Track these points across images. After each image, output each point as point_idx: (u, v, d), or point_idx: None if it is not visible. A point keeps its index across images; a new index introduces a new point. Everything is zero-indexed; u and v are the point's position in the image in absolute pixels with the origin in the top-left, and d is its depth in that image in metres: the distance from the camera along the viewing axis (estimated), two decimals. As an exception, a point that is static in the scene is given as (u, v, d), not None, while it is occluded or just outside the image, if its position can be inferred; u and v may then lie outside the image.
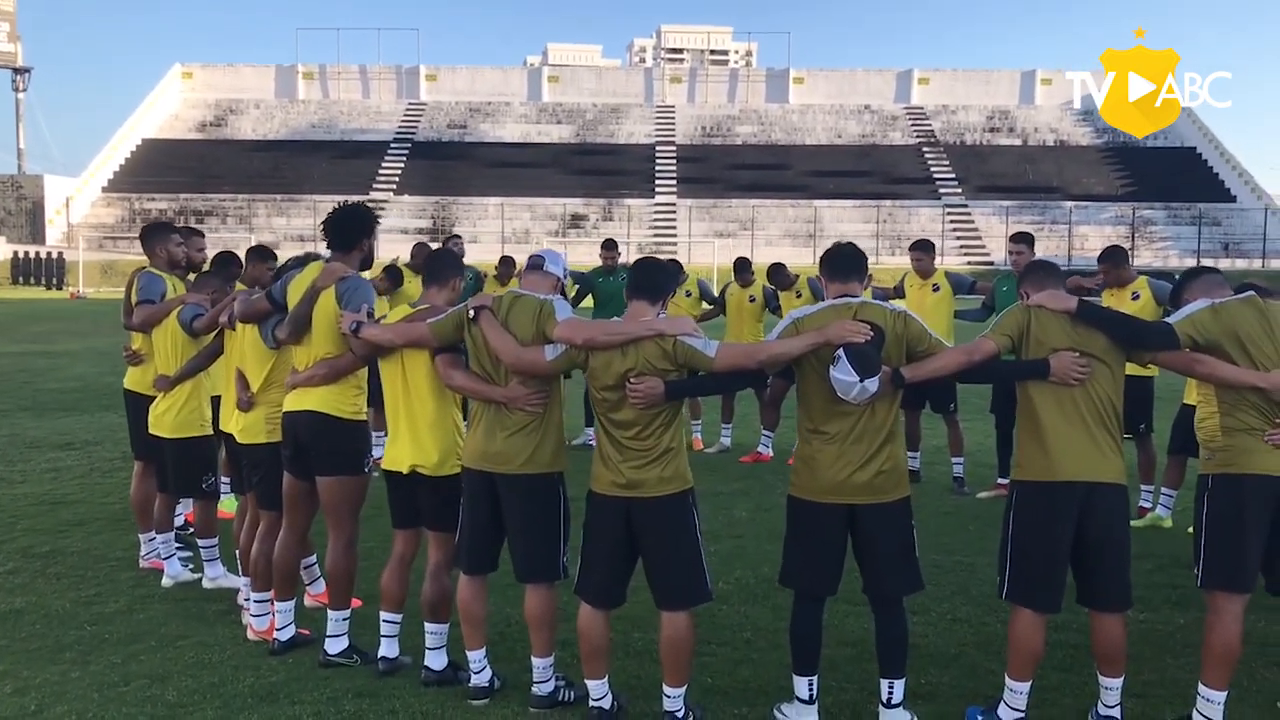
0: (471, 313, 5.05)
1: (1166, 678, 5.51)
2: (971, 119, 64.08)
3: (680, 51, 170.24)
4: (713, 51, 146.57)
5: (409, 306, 5.48)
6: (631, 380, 4.68)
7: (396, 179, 58.30)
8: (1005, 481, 9.53)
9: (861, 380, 4.49)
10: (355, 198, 55.07)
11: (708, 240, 49.99)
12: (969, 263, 50.13)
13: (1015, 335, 4.78)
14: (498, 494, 4.99)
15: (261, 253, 7.34)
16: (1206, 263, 50.69)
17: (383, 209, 55.37)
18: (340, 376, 5.57)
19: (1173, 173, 57.32)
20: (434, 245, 13.26)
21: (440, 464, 5.27)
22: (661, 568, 4.78)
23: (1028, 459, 4.76)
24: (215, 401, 6.91)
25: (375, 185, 57.64)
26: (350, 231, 5.75)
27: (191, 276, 7.49)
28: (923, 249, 10.06)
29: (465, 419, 5.35)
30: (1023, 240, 9.33)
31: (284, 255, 7.32)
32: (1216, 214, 55.18)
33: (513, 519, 5.00)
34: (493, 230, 53.69)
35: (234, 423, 6.16)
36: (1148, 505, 8.82)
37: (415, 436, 5.29)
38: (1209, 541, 4.77)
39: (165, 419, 6.83)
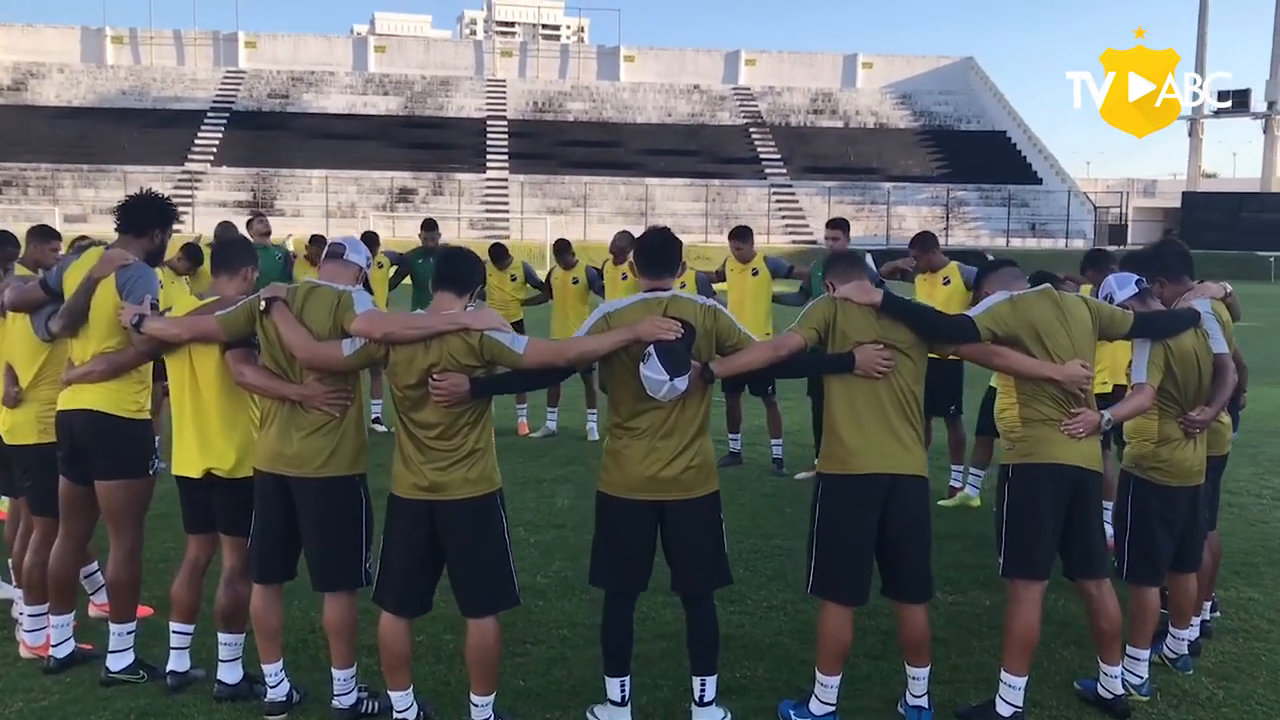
0: (263, 304, 4.74)
1: (973, 662, 5.63)
2: (796, 101, 65.30)
3: (511, 25, 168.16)
4: (544, 26, 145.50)
5: (197, 298, 5.12)
6: (434, 377, 4.46)
7: (214, 150, 55.76)
8: (823, 463, 9.68)
9: (671, 379, 4.40)
10: (170, 169, 52.97)
11: (540, 217, 49.64)
12: (793, 242, 51.20)
13: (821, 328, 4.77)
14: (292, 498, 4.71)
15: (45, 232, 6.77)
16: (1015, 242, 53.25)
17: (199, 180, 53.02)
18: (121, 373, 5.17)
19: (984, 156, 59.72)
20: (245, 219, 12.63)
21: (237, 465, 4.97)
22: (466, 574, 4.59)
23: (831, 452, 4.78)
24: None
25: (191, 156, 55.02)
26: (144, 219, 5.38)
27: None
28: (740, 237, 10.08)
29: None
30: (838, 226, 9.44)
31: (94, 229, 6.77)
32: (1024, 196, 57.82)
33: (309, 525, 4.72)
34: (316, 204, 51.97)
35: (2, 421, 5.66)
36: (958, 485, 9.07)
37: (205, 438, 4.96)
38: (1009, 531, 4.88)
39: (-71, 416, 6.23)
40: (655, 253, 4.81)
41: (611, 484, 4.72)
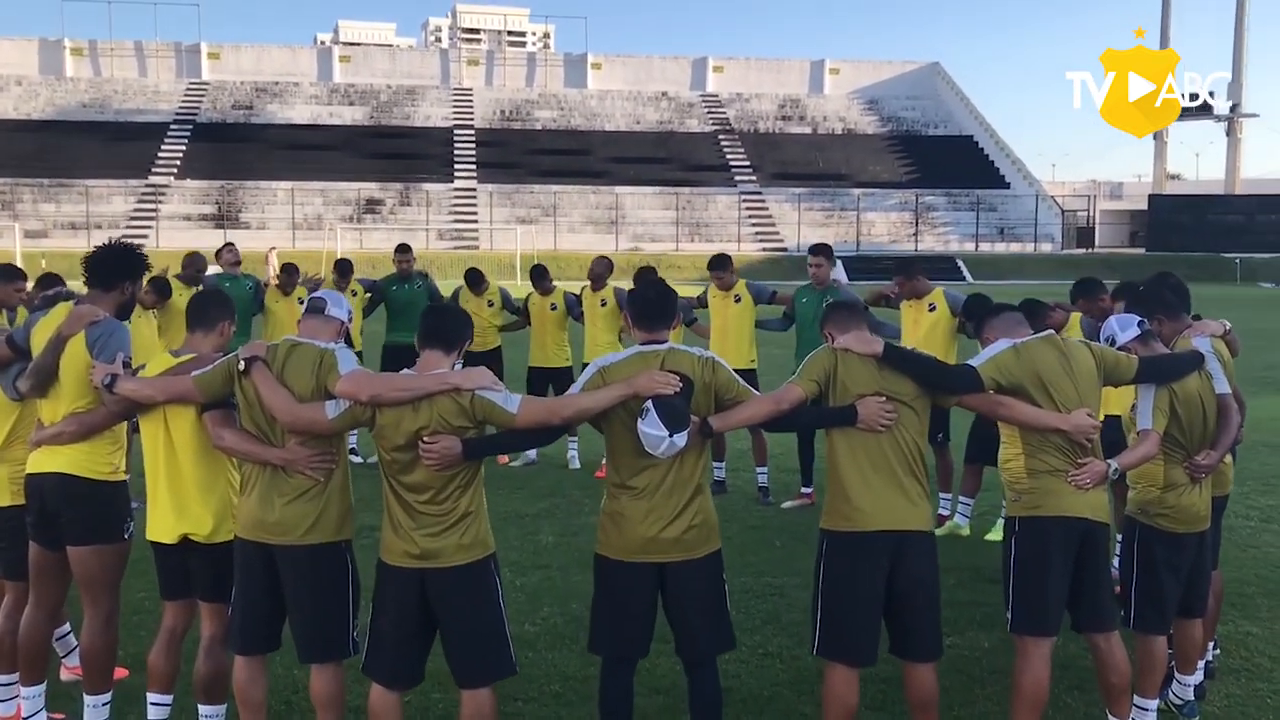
0: (242, 364, 4.54)
1: (976, 712, 5.50)
2: (764, 107, 65.45)
3: (477, 32, 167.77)
4: (510, 33, 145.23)
5: (171, 356, 4.91)
6: (425, 440, 4.28)
7: (178, 162, 55.20)
8: (809, 490, 9.57)
9: (671, 435, 4.26)
10: (133, 182, 52.21)
11: (510, 227, 49.42)
12: (764, 249, 51.27)
13: (822, 380, 4.63)
14: (276, 566, 4.51)
15: (9, 273, 6.55)
16: (984, 246, 53.55)
17: (163, 194, 52.45)
18: (93, 434, 4.94)
19: (952, 160, 60.05)
20: (224, 238, 12.39)
21: (215, 530, 4.75)
22: (461, 643, 4.41)
23: (836, 508, 4.64)
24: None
25: (155, 169, 54.43)
26: (112, 272, 5.14)
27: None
28: (720, 267, 9.89)
29: None
30: (821, 253, 9.33)
31: (55, 244, 6.52)
32: (993, 200, 58.17)
33: (294, 594, 4.52)
34: (283, 216, 51.56)
35: (-29, 483, 5.41)
36: (946, 513, 8.97)
37: (181, 502, 4.75)
38: (1018, 586, 4.75)
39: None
40: (651, 306, 4.66)
41: (610, 546, 4.57)
